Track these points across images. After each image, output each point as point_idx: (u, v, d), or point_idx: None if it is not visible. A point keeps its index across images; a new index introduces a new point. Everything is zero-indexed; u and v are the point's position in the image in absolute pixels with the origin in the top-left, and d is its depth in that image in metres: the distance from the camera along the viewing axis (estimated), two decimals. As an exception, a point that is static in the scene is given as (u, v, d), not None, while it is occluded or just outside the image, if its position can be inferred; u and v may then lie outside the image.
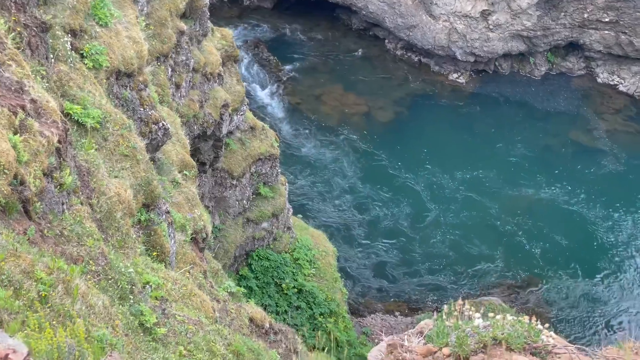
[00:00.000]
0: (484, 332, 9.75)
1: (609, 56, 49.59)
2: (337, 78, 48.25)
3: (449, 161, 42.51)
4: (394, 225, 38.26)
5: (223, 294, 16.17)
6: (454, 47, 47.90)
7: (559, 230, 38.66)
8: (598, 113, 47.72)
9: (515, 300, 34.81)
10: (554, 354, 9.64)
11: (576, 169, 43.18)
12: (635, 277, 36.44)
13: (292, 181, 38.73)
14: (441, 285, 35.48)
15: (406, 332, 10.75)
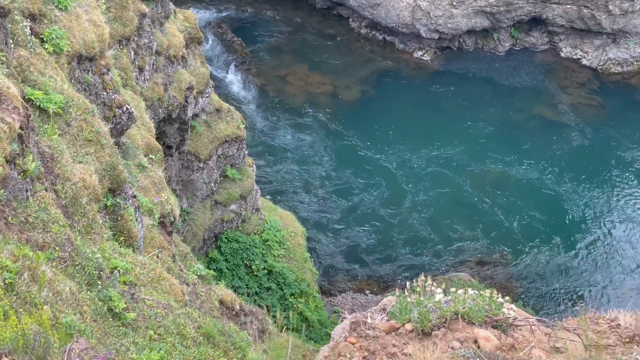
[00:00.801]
0: (446, 306, 9.86)
1: (572, 30, 49.92)
2: (302, 58, 48.08)
3: (416, 139, 42.64)
4: (363, 204, 38.35)
5: (192, 277, 16.12)
6: (418, 24, 47.91)
7: (527, 205, 39.00)
8: (562, 87, 48.08)
9: (485, 276, 35.11)
10: (514, 326, 9.77)
11: (542, 143, 43.51)
12: (602, 250, 36.91)
13: (260, 162, 38.61)
14: (412, 262, 35.66)
15: (370, 309, 10.82)
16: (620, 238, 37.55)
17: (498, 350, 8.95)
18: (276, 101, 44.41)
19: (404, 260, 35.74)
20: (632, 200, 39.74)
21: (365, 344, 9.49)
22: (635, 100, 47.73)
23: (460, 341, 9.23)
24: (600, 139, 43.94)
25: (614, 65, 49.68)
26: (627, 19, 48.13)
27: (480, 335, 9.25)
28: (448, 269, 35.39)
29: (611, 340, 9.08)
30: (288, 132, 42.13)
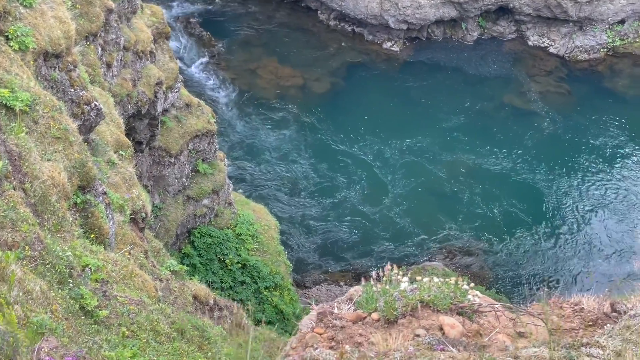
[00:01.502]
0: (411, 295, 9.95)
1: (539, 19, 50.26)
2: (271, 51, 47.99)
3: (388, 130, 42.75)
4: (336, 196, 38.41)
5: (165, 272, 16.08)
6: (386, 15, 47.99)
7: (500, 193, 39.28)
8: (530, 75, 48.42)
9: (459, 264, 35.34)
10: (480, 313, 9.88)
11: (513, 131, 43.83)
12: (574, 236, 37.29)
13: (232, 157, 38.54)
14: (386, 253, 35.77)
15: (337, 299, 10.88)
16: (590, 223, 37.96)
17: (463, 337, 9.05)
18: (246, 95, 44.31)
19: (378, 251, 35.87)
20: (601, 186, 40.16)
21: (332, 334, 9.54)
22: (603, 87, 48.20)
23: (426, 329, 9.33)
24: (569, 126, 44.34)
25: (581, 52, 50.09)
26: (593, 7, 48.54)
27: (445, 323, 9.36)
28: (422, 259, 35.57)
29: (575, 324, 9.22)
30: (259, 126, 42.06)
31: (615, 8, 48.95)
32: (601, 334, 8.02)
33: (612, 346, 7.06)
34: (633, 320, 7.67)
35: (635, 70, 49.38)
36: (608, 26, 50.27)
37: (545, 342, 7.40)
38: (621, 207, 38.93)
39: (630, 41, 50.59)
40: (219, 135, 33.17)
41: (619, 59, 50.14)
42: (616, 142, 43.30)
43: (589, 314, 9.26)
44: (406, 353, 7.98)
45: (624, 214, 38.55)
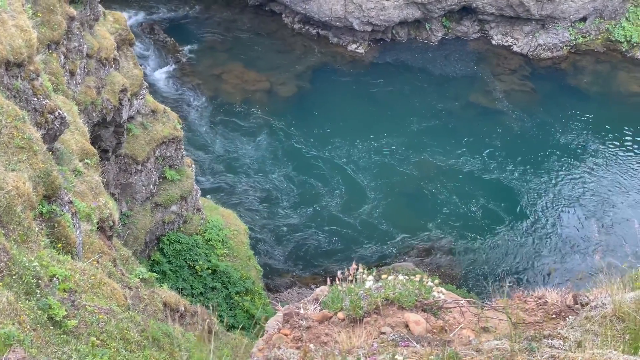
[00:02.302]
0: (376, 293, 10.03)
1: (502, 18, 50.72)
2: (236, 56, 47.92)
3: (356, 132, 42.86)
4: (305, 199, 38.42)
5: (135, 280, 15.97)
6: (350, 17, 48.14)
7: (468, 192, 39.54)
8: (495, 74, 48.85)
9: (430, 264, 35.48)
10: (445, 309, 9.98)
11: (479, 130, 44.16)
12: (541, 232, 37.63)
13: (199, 162, 38.40)
14: (357, 254, 35.79)
15: (302, 300, 10.92)
16: (558, 219, 38.36)
17: (428, 333, 9.14)
18: (213, 100, 44.18)
19: (349, 253, 35.90)
20: (567, 182, 40.60)
21: (299, 335, 9.57)
22: (566, 84, 48.76)
23: (391, 326, 9.40)
24: (534, 123, 44.78)
25: (544, 50, 50.62)
26: (555, 5, 49.08)
27: (410, 320, 9.45)
28: (393, 259, 35.65)
29: (538, 317, 9.34)
30: (226, 131, 41.96)
31: (577, 6, 49.53)
32: (563, 325, 8.15)
33: (573, 337, 7.18)
34: (593, 312, 7.80)
35: (598, 67, 50.01)
36: (570, 24, 50.86)
37: (506, 335, 7.51)
38: (587, 202, 39.40)
39: (592, 38, 51.22)
40: (186, 141, 33.03)
41: (582, 56, 50.76)
42: (581, 138, 43.82)
43: (552, 307, 9.39)
44: (369, 350, 8.04)
45: (589, 208, 39.02)
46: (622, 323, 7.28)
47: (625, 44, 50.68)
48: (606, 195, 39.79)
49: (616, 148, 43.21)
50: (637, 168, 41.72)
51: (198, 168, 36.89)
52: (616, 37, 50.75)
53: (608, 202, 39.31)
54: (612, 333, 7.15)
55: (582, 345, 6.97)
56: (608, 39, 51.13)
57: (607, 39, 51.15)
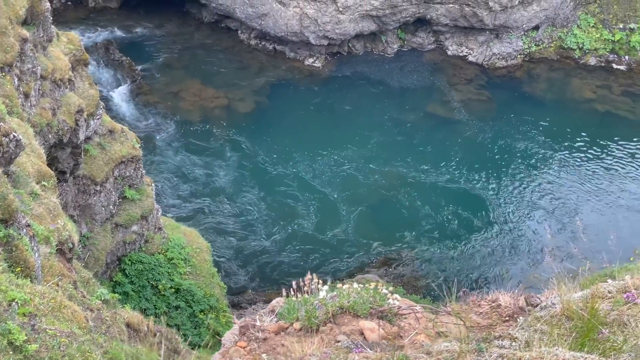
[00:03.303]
0: (331, 302, 10.11)
1: (456, 29, 51.30)
2: (193, 73, 47.82)
3: (317, 146, 42.97)
4: (269, 215, 38.37)
5: (96, 302, 15.82)
6: (306, 32, 48.33)
7: (429, 201, 39.81)
8: (451, 84, 49.34)
9: (394, 274, 35.61)
10: (400, 315, 10.08)
11: (438, 140, 44.54)
12: (500, 237, 38.00)
13: (159, 181, 38.19)
14: (321, 268, 35.82)
15: (259, 312, 10.95)
16: (517, 224, 38.77)
17: (383, 340, 9.22)
18: (171, 118, 44.00)
19: (312, 266, 35.88)
20: (526, 187, 41.11)
21: (255, 346, 9.60)
22: (521, 92, 49.43)
23: (347, 334, 9.47)
24: (492, 131, 45.30)
25: (499, 59, 51.29)
26: (508, 14, 49.76)
27: (365, 327, 9.52)
28: (358, 271, 35.72)
29: (492, 320, 9.48)
30: (186, 148, 41.80)
31: (529, 15, 50.27)
32: (514, 326, 8.28)
33: (523, 337, 7.30)
34: (543, 312, 7.95)
35: (552, 75, 50.79)
36: (523, 33, 51.62)
37: (458, 338, 7.62)
38: (545, 206, 39.92)
39: (545, 46, 52.02)
40: (145, 160, 32.86)
41: (536, 64, 51.52)
42: (538, 145, 44.41)
43: (505, 309, 9.54)
44: (322, 357, 8.09)
45: (548, 212, 39.54)
46: (571, 322, 7.44)
47: (577, 51, 51.54)
48: (562, 199, 40.38)
49: (572, 153, 43.89)
50: (591, 172, 42.41)
51: (159, 187, 36.70)
52: (568, 45, 51.60)
53: (565, 206, 39.88)
54: (560, 331, 7.30)
55: (530, 344, 7.10)
56: (561, 46, 51.97)
57: (560, 46, 51.99)
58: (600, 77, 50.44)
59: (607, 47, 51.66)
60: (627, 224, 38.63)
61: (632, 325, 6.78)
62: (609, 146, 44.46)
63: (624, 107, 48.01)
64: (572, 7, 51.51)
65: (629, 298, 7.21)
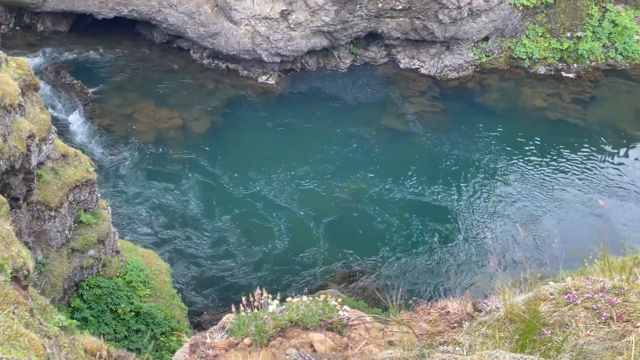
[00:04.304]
0: (280, 316, 10.17)
1: (408, 42, 51.80)
2: (147, 94, 47.59)
3: (275, 164, 42.98)
4: (230, 234, 38.24)
5: (54, 329, 15.68)
6: (259, 49, 48.44)
7: (389, 213, 40.01)
8: (405, 97, 49.76)
9: (354, 288, 35.69)
10: (350, 326, 10.18)
11: (394, 153, 44.84)
12: (459, 245, 38.37)
13: (115, 204, 37.90)
14: (281, 285, 35.79)
15: (209, 329, 10.97)
16: (472, 232, 39.17)
17: (333, 351, 9.29)
18: (125, 140, 43.72)
19: (273, 283, 35.83)
20: (481, 196, 41.57)
21: (205, 363, 9.62)
22: (474, 102, 50.02)
23: (297, 347, 9.52)
24: (447, 142, 45.73)
25: (451, 71, 51.88)
26: (457, 27, 50.38)
27: (314, 339, 9.59)
28: (319, 287, 35.75)
29: (441, 327, 9.62)
30: (142, 170, 41.55)
31: (478, 26, 50.97)
32: (460, 332, 8.41)
33: (467, 341, 7.42)
34: (488, 316, 8.09)
35: (503, 85, 51.51)
36: (473, 44, 52.31)
37: (406, 346, 7.72)
38: (499, 214, 40.43)
39: (496, 57, 52.76)
40: (99, 183, 32.60)
41: (487, 74, 52.21)
42: (491, 154, 44.97)
43: (454, 315, 9.68)
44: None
45: (500, 219, 40.07)
46: (514, 324, 7.59)
47: (527, 61, 52.35)
48: (515, 206, 40.97)
49: (525, 161, 44.51)
50: (544, 178, 43.07)
51: (115, 209, 36.41)
52: (518, 55, 52.39)
53: (518, 212, 40.44)
54: (503, 334, 7.44)
55: (472, 348, 7.22)
56: (510, 56, 52.74)
57: (510, 56, 52.76)
58: (550, 85, 51.26)
59: (555, 55, 52.55)
60: (576, 227, 39.32)
61: (573, 325, 6.95)
62: (560, 153, 45.20)
63: (575, 115, 48.85)
64: (520, 18, 52.34)
65: (570, 299, 7.39)
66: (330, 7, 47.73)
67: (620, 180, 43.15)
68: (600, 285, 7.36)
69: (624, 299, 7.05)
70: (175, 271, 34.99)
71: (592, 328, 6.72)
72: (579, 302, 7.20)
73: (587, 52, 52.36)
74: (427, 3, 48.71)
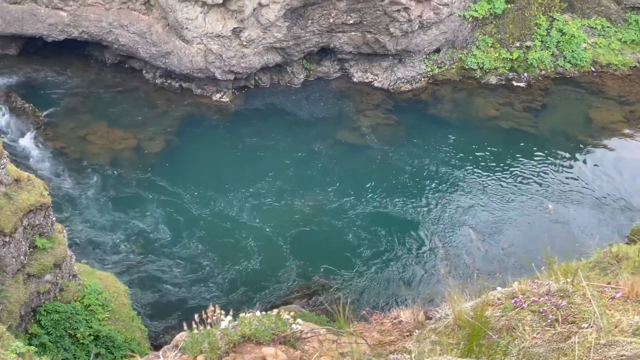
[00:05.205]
0: (233, 332, 10.22)
1: (360, 56, 52.16)
2: (100, 116, 47.23)
3: (233, 181, 42.91)
4: (187, 253, 38.09)
5: (11, 356, 15.53)
6: (212, 67, 48.41)
7: (347, 227, 40.17)
8: (359, 111, 50.03)
9: (316, 303, 35.71)
10: (303, 339, 10.25)
11: (350, 166, 45.02)
12: (412, 255, 38.64)
13: (72, 227, 37.52)
14: (241, 303, 35.70)
15: (163, 348, 10.97)
16: (431, 242, 39.48)
17: (286, 364, 9.35)
18: (79, 162, 43.33)
19: (231, 300, 35.75)
20: (438, 206, 41.92)
21: (159, 383, 9.62)
22: (428, 114, 50.48)
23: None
24: (402, 154, 46.07)
25: (404, 83, 52.31)
26: (409, 39, 50.86)
27: (267, 354, 9.65)
28: (281, 303, 35.71)
29: (394, 337, 9.71)
30: (97, 192, 41.21)
31: (430, 38, 51.51)
32: (411, 340, 8.52)
33: (417, 349, 7.52)
34: (438, 323, 8.21)
35: (455, 96, 52.07)
36: (425, 56, 52.84)
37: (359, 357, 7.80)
38: (455, 222, 40.86)
39: (448, 68, 53.35)
40: (55, 207, 32.27)
41: (440, 86, 52.74)
42: (446, 164, 45.40)
43: (406, 324, 9.79)
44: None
45: (459, 227, 40.47)
46: (462, 330, 7.71)
47: (478, 71, 53.02)
48: (469, 214, 41.43)
49: (479, 169, 45.00)
50: (497, 186, 43.57)
51: (71, 233, 36.04)
52: (469, 65, 53.03)
53: (473, 220, 40.88)
54: (452, 340, 7.55)
55: (421, 354, 7.32)
56: (462, 67, 53.36)
57: (462, 67, 53.38)
58: (502, 95, 51.95)
59: (506, 65, 53.30)
60: (529, 233, 39.86)
61: (520, 328, 7.09)
62: (514, 161, 45.81)
63: (527, 123, 49.54)
64: (470, 29, 53.03)
65: (516, 303, 7.53)
66: (282, 23, 47.90)
67: (572, 184, 43.88)
68: (546, 288, 7.53)
69: (569, 301, 7.22)
70: (136, 293, 34.75)
71: (538, 331, 6.87)
72: (526, 306, 7.35)
73: (537, 61, 53.21)
74: (378, 17, 49.12)
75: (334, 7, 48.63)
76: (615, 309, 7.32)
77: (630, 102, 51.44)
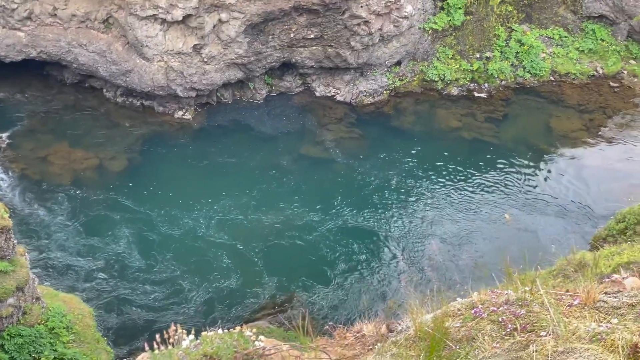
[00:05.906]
0: (195, 350, 10.16)
1: (322, 70, 52.30)
2: (60, 136, 46.80)
3: (197, 199, 42.65)
4: (154, 272, 37.77)
5: (-28, 382, 15.31)
6: (173, 85, 48.20)
7: (315, 241, 40.10)
8: (322, 125, 50.10)
9: (283, 319, 35.55)
10: (266, 356, 10.20)
11: (314, 180, 45.01)
12: (377, 268, 38.65)
13: (34, 250, 37.05)
14: (210, 321, 35.44)
15: None
16: (396, 254, 39.55)
17: (250, 382, 9.31)
18: (40, 184, 42.84)
19: (201, 320, 35.49)
20: (402, 218, 42.02)
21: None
22: (390, 126, 50.68)
23: (212, 381, 9.51)
24: (367, 167, 46.17)
25: (366, 97, 52.53)
26: (370, 52, 51.12)
27: None
28: (246, 320, 35.52)
29: (357, 350, 9.70)
30: (60, 213, 40.74)
31: (390, 51, 51.82)
32: (372, 353, 8.50)
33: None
34: (399, 336, 8.21)
35: (418, 107, 52.39)
36: (387, 69, 53.12)
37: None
38: (421, 233, 40.95)
39: (409, 80, 53.69)
40: (16, 229, 31.86)
41: (402, 98, 53.03)
42: (410, 176, 45.58)
43: (369, 338, 9.78)
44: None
45: (423, 239, 40.59)
46: (423, 342, 7.72)
47: (439, 83, 53.42)
48: (435, 225, 41.58)
49: (443, 180, 45.24)
50: (461, 196, 43.82)
51: (34, 255, 35.59)
52: (430, 77, 53.41)
53: (438, 231, 41.05)
54: (413, 352, 7.55)
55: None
56: (423, 79, 53.73)
57: (423, 79, 53.75)
58: (463, 106, 52.37)
59: (467, 76, 53.77)
60: (492, 243, 40.13)
61: (480, 338, 7.11)
62: (477, 171, 46.13)
63: (489, 133, 49.97)
64: (430, 41, 53.45)
65: (476, 313, 7.56)
66: (243, 39, 47.89)
67: (536, 193, 44.27)
68: (505, 298, 7.57)
69: (527, 310, 7.26)
70: (102, 315, 34.34)
71: (497, 340, 6.89)
72: (485, 316, 7.37)
73: (497, 71, 53.76)
74: (338, 31, 49.34)
75: (295, 22, 48.76)
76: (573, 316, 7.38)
77: (589, 110, 52.15)
